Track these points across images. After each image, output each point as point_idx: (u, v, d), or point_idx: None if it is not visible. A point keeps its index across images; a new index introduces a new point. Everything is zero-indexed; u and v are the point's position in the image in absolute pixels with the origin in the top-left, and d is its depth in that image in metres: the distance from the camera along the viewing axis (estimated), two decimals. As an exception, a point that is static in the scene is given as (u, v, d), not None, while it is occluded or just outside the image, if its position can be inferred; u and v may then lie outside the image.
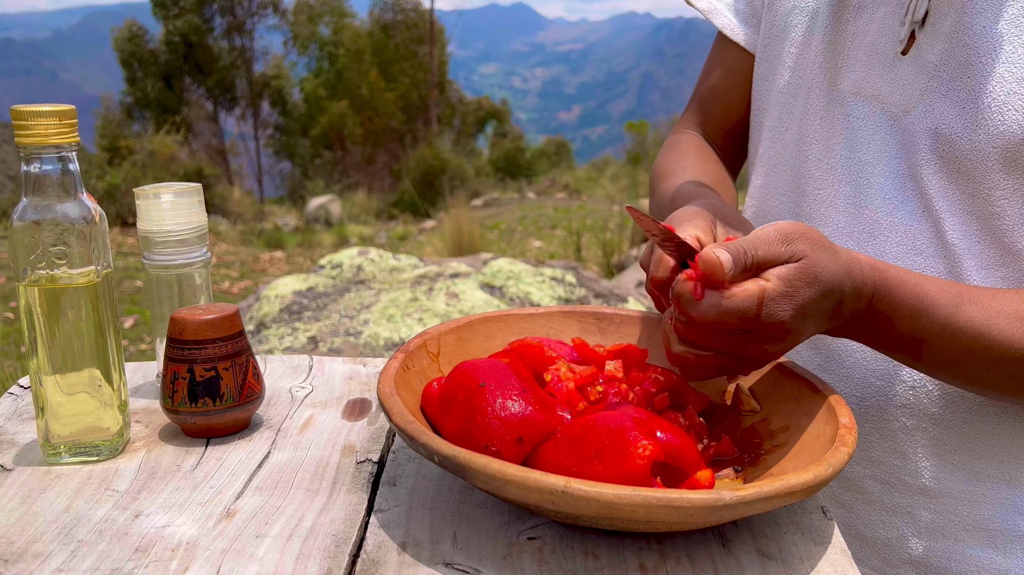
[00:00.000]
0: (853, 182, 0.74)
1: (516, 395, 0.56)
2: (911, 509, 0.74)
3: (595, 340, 0.76)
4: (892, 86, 0.71)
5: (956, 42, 0.67)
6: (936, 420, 0.72)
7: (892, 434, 0.74)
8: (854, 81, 0.74)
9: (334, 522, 0.57)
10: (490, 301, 3.20)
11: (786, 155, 0.81)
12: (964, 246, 0.69)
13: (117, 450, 0.67)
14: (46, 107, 0.60)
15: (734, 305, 0.54)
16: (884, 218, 0.72)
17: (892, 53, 0.72)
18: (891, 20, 0.72)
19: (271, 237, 9.55)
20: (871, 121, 0.73)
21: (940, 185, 0.69)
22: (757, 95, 0.87)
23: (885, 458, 0.75)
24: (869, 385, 0.74)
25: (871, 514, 0.76)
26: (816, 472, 0.50)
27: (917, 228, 0.71)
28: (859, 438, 0.75)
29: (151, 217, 0.73)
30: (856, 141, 0.74)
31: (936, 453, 0.72)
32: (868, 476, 0.76)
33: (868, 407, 0.75)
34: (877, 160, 0.73)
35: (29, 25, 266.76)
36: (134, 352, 4.37)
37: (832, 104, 0.76)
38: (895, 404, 0.73)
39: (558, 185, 13.52)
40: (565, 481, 0.47)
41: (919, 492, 0.73)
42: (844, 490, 0.78)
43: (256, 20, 21.69)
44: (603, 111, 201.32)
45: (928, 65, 0.69)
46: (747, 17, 0.88)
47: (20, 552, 0.53)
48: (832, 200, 0.76)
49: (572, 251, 6.44)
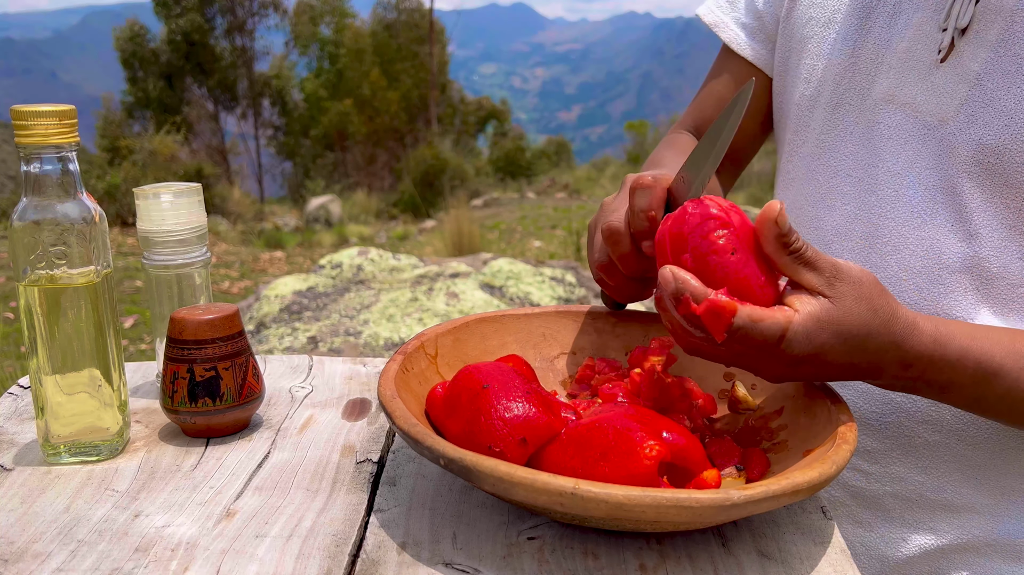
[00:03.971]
0: (878, 192, 0.72)
1: (520, 397, 0.56)
2: (932, 524, 0.73)
3: (591, 340, 0.76)
4: (928, 94, 0.69)
5: (1004, 51, 0.64)
6: (960, 436, 0.70)
7: (914, 450, 0.72)
8: (886, 88, 0.72)
9: (334, 522, 0.57)
10: (490, 301, 3.20)
11: (803, 168, 0.80)
12: (1000, 263, 0.67)
13: (117, 450, 0.67)
14: (46, 107, 0.60)
15: (759, 331, 0.52)
16: (911, 232, 0.70)
17: (929, 60, 0.69)
18: (928, 27, 0.69)
19: (271, 237, 9.55)
20: (903, 129, 0.71)
21: (982, 198, 0.66)
22: (777, 109, 0.86)
23: (907, 474, 0.73)
24: (890, 401, 0.73)
25: (891, 531, 0.75)
26: (821, 470, 0.50)
27: (945, 242, 0.68)
28: (879, 455, 0.74)
29: (151, 217, 0.74)
30: (884, 150, 0.72)
31: (960, 469, 0.71)
32: (889, 494, 0.74)
33: (889, 423, 0.73)
34: (907, 170, 0.71)
35: (29, 25, 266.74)
36: (134, 352, 4.37)
37: (856, 113, 0.75)
38: (917, 420, 0.71)
39: (558, 185, 13.52)
40: (574, 483, 0.47)
41: (941, 508, 0.72)
42: (863, 508, 0.76)
43: (257, 20, 21.70)
44: (603, 111, 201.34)
45: (970, 74, 0.66)
46: (754, 31, 0.87)
47: (20, 552, 0.53)
48: (856, 212, 0.74)
49: (572, 251, 6.44)
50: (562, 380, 0.74)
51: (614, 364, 0.72)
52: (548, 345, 0.75)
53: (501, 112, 23.69)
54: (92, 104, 20.35)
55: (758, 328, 0.51)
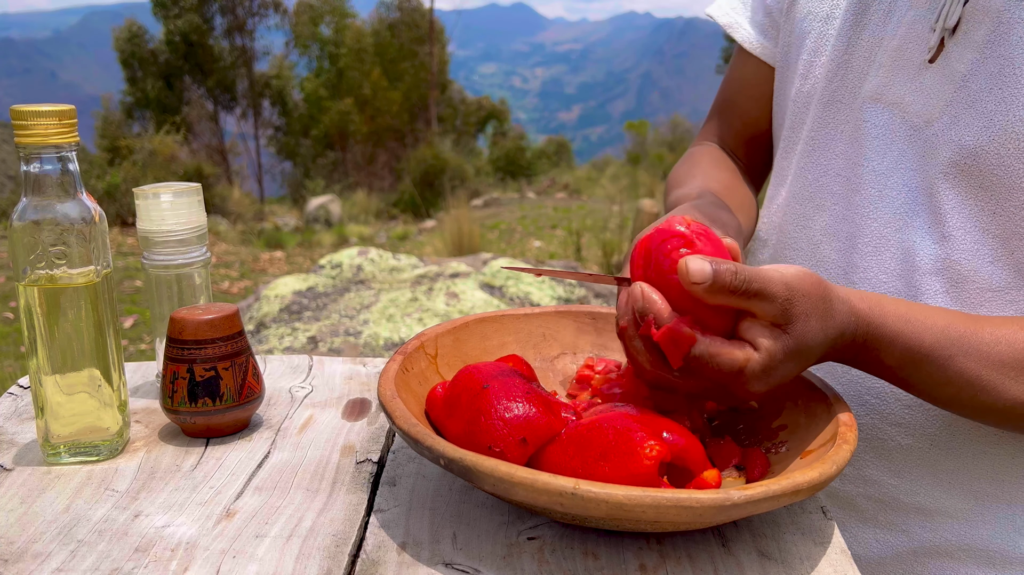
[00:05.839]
0: (863, 192, 0.72)
1: (520, 397, 0.56)
2: (906, 527, 0.73)
3: (591, 340, 0.76)
4: (916, 94, 0.69)
5: (990, 52, 0.64)
6: (933, 440, 0.70)
7: (887, 453, 0.72)
8: (876, 86, 0.72)
9: (334, 522, 0.57)
10: (490, 301, 3.20)
11: (795, 166, 0.80)
12: (973, 266, 0.66)
13: (117, 450, 0.67)
14: (46, 107, 0.60)
15: (716, 364, 0.53)
16: (892, 234, 0.70)
17: (919, 60, 0.69)
18: (920, 26, 0.69)
19: (271, 237, 9.55)
20: (890, 129, 0.71)
21: (956, 200, 0.66)
22: (776, 104, 0.86)
23: (879, 477, 0.73)
24: (864, 403, 0.73)
25: (864, 532, 0.75)
26: (821, 470, 0.50)
27: (920, 244, 0.68)
28: (853, 457, 0.74)
29: (151, 217, 0.73)
30: (871, 150, 0.72)
31: (933, 473, 0.70)
32: (862, 495, 0.74)
33: (862, 425, 0.73)
34: (892, 171, 0.70)
35: (29, 25, 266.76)
36: (134, 352, 4.37)
37: (847, 111, 0.74)
38: (890, 422, 0.71)
39: (558, 185, 13.52)
40: (574, 483, 0.47)
41: (915, 511, 0.72)
42: (836, 507, 0.76)
43: (257, 20, 21.70)
44: (603, 111, 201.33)
45: (956, 75, 0.66)
46: (766, 29, 0.86)
47: (20, 552, 0.53)
48: (843, 212, 0.74)
49: (572, 251, 6.44)
50: (562, 380, 0.74)
51: (614, 364, 0.72)
52: (548, 345, 0.75)
53: (501, 112, 23.69)
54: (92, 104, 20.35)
55: (716, 361, 0.53)
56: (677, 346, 0.53)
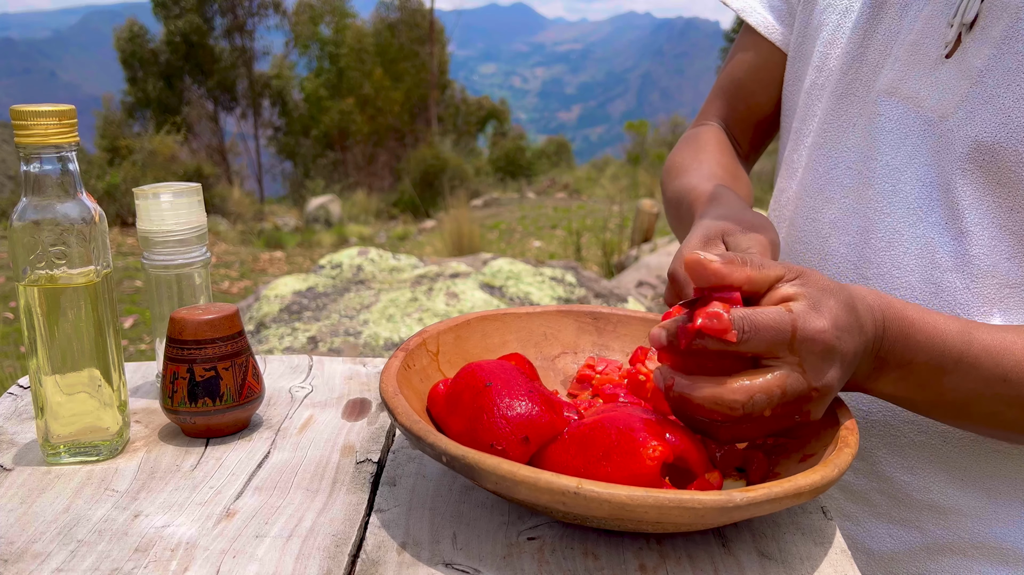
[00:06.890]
0: (876, 186, 0.72)
1: (523, 395, 0.56)
2: (919, 523, 0.72)
3: (592, 339, 0.76)
4: (931, 89, 0.69)
5: (1007, 48, 0.64)
6: (945, 437, 0.70)
7: (900, 449, 0.72)
8: (891, 80, 0.72)
9: (334, 522, 0.57)
10: (490, 301, 3.20)
11: (805, 158, 0.80)
12: (990, 262, 0.66)
13: (117, 450, 0.67)
14: (46, 107, 0.60)
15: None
16: (906, 228, 0.70)
17: (935, 55, 0.69)
18: (938, 20, 0.69)
19: (271, 237, 9.55)
20: (904, 124, 0.70)
21: (974, 196, 0.66)
22: (786, 96, 0.86)
23: (892, 473, 0.73)
24: (875, 399, 0.72)
25: (878, 527, 0.74)
26: (823, 473, 0.50)
27: (938, 241, 0.68)
28: (866, 453, 0.74)
29: (151, 217, 0.73)
30: (885, 143, 0.71)
31: (946, 470, 0.70)
32: (875, 490, 0.74)
33: (875, 421, 0.73)
34: (906, 165, 0.70)
35: (29, 25, 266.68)
36: (134, 352, 4.37)
37: (860, 104, 0.74)
38: (902, 419, 0.71)
39: (558, 185, 13.53)
40: (577, 482, 0.47)
41: (927, 508, 0.72)
42: (850, 502, 0.76)
43: (257, 20, 21.70)
44: (603, 111, 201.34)
45: (972, 70, 0.66)
46: (783, 14, 0.86)
47: (20, 552, 0.53)
48: (854, 205, 0.73)
49: (572, 251, 6.44)
50: (563, 380, 0.74)
51: (615, 364, 0.72)
52: (549, 344, 0.75)
53: (501, 112, 23.70)
54: (92, 104, 20.35)
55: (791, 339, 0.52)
56: (720, 322, 0.51)
